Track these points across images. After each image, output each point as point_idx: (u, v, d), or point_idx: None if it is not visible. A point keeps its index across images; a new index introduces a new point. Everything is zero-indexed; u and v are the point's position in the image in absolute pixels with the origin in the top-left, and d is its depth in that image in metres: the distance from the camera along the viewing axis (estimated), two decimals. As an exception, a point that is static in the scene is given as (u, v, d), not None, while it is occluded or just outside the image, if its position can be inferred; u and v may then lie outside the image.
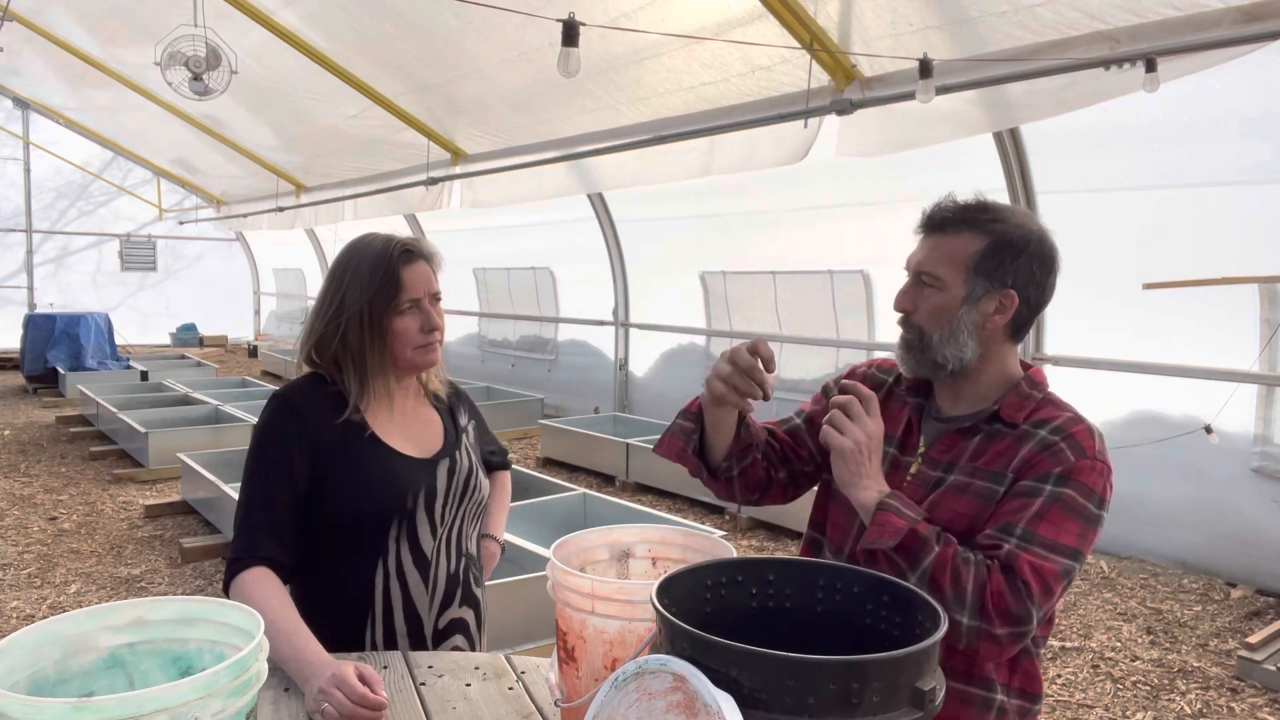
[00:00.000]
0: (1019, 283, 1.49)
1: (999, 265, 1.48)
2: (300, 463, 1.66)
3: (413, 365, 1.76)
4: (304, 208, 10.98)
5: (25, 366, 10.66)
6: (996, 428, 1.50)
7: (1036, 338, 5.27)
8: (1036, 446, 1.43)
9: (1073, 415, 1.49)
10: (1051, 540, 1.35)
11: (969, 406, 1.56)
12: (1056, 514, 1.37)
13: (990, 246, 1.48)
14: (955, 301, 1.49)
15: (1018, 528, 1.37)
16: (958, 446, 1.52)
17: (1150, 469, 4.82)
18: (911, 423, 1.61)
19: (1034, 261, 1.50)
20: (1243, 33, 3.28)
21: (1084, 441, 1.43)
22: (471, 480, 1.81)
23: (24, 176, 13.98)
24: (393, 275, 1.70)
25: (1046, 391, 1.55)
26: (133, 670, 1.16)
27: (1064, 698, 3.47)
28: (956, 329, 1.49)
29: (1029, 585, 1.32)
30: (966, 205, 1.52)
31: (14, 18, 8.09)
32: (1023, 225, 1.51)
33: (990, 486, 1.44)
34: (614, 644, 1.25)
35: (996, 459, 1.47)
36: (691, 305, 7.88)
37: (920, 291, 1.52)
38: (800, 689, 0.89)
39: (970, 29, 4.08)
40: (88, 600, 4.42)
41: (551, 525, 4.83)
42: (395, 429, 1.77)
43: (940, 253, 1.50)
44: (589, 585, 1.25)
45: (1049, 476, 1.40)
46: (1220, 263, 4.41)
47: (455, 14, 5.62)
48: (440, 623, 1.74)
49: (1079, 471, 1.40)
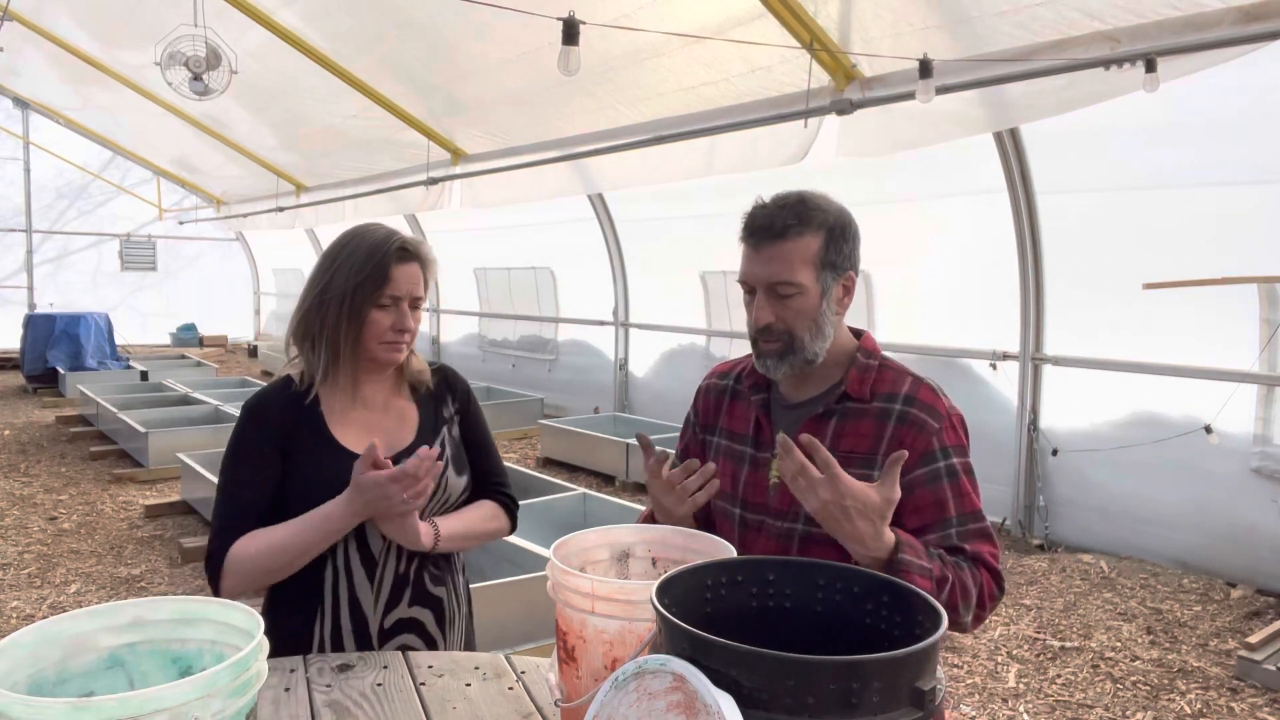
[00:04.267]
0: (854, 262, 1.60)
1: (838, 253, 1.56)
2: (270, 465, 1.71)
3: (375, 359, 1.76)
4: (304, 208, 10.98)
5: (25, 366, 10.67)
6: (848, 405, 1.58)
7: (1037, 338, 5.27)
8: (898, 423, 1.54)
9: (912, 377, 1.60)
10: (973, 511, 1.52)
11: (815, 388, 1.62)
12: (961, 486, 1.53)
13: (828, 238, 1.55)
14: (815, 300, 1.55)
15: (953, 519, 1.51)
16: (817, 433, 1.56)
17: (1150, 469, 4.82)
18: (759, 419, 1.66)
19: (856, 239, 1.60)
20: (1243, 33, 3.28)
21: (933, 402, 1.56)
22: (436, 479, 1.77)
23: (24, 176, 13.98)
24: (383, 267, 1.71)
25: (881, 357, 1.64)
26: (133, 670, 1.16)
27: (1064, 698, 3.47)
28: (822, 325, 1.56)
29: (997, 571, 1.52)
30: (792, 205, 1.55)
31: (14, 18, 8.08)
32: (836, 208, 1.58)
33: (864, 472, 1.48)
34: (614, 644, 1.24)
35: (861, 440, 1.56)
36: (692, 305, 7.88)
37: (779, 302, 1.55)
38: (800, 689, 0.89)
39: (970, 29, 4.08)
40: (88, 600, 4.42)
41: (551, 525, 4.83)
42: (357, 425, 1.78)
43: (790, 259, 1.53)
44: (589, 585, 1.25)
45: (933, 455, 1.52)
46: (1220, 263, 4.41)
47: (455, 14, 5.62)
48: (386, 622, 1.74)
49: (946, 435, 1.54)
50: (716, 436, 1.75)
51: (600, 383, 8.88)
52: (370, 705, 1.44)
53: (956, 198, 5.46)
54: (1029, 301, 5.25)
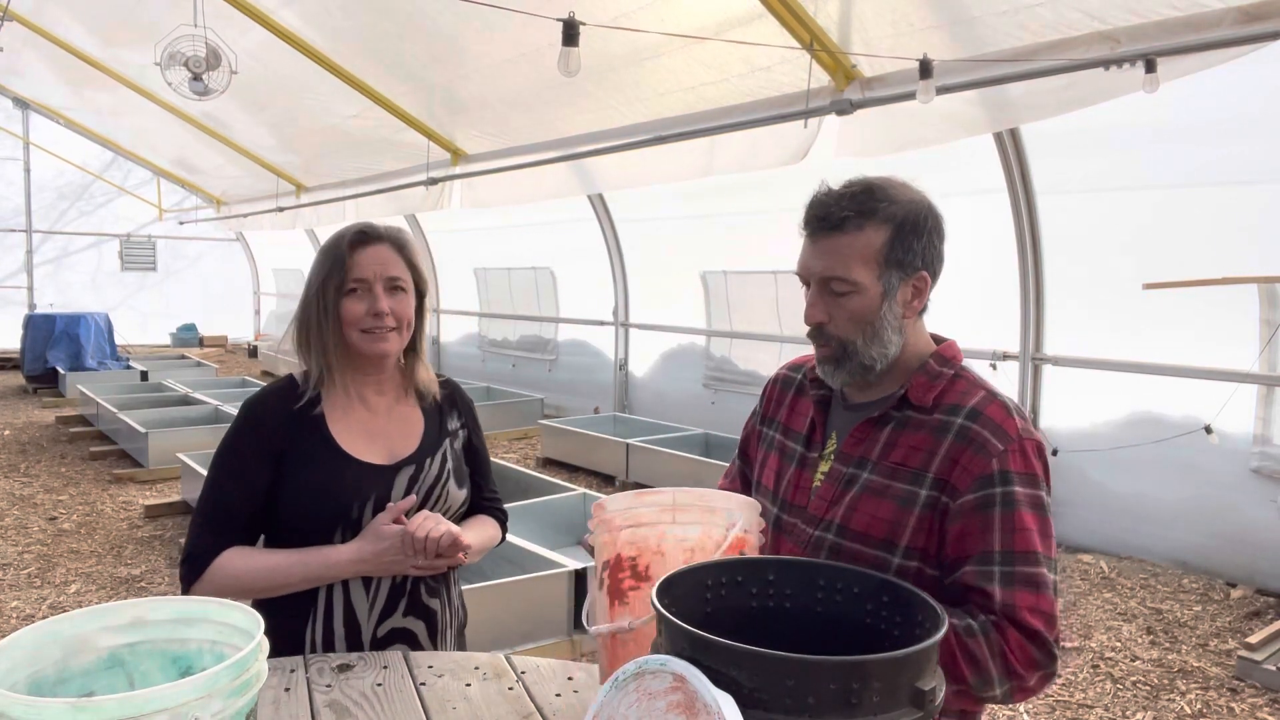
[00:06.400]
0: (928, 261, 1.43)
1: (908, 250, 1.40)
2: (260, 473, 1.69)
3: (360, 352, 1.72)
4: (304, 208, 10.98)
5: (25, 366, 10.66)
6: (907, 414, 1.43)
7: (1037, 338, 5.27)
8: (957, 439, 1.36)
9: (986, 393, 1.42)
10: (1025, 552, 1.31)
11: (879, 391, 1.48)
12: (1018, 520, 1.31)
13: (895, 234, 1.39)
14: (874, 301, 1.40)
15: (995, 554, 1.31)
16: (869, 438, 1.45)
17: (1150, 469, 4.82)
18: (814, 418, 1.55)
19: (934, 235, 1.43)
20: (1243, 33, 3.28)
21: (1002, 421, 1.37)
22: (436, 490, 1.76)
23: (24, 176, 13.97)
24: (339, 255, 1.70)
25: (959, 367, 1.47)
26: (133, 670, 1.16)
27: (1064, 698, 3.47)
28: (880, 329, 1.41)
29: (1038, 630, 1.28)
30: (855, 194, 1.40)
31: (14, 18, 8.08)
32: (912, 199, 1.42)
33: (910, 489, 1.37)
34: (695, 551, 1.28)
35: (913, 454, 1.39)
36: (691, 305, 7.87)
37: (832, 299, 1.41)
38: (800, 689, 0.89)
39: (970, 29, 4.08)
40: (88, 600, 4.42)
41: (551, 525, 4.83)
42: (359, 429, 1.75)
43: (846, 254, 1.39)
44: (669, 497, 1.31)
45: (990, 479, 1.33)
46: (1220, 263, 4.41)
47: (455, 14, 5.62)
48: (380, 631, 1.72)
49: (1011, 460, 1.33)
50: (773, 430, 1.65)
51: (600, 383, 8.88)
52: (370, 705, 1.44)
53: (956, 198, 5.45)
54: (1029, 301, 5.25)
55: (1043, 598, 1.30)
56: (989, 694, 1.29)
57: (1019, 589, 1.29)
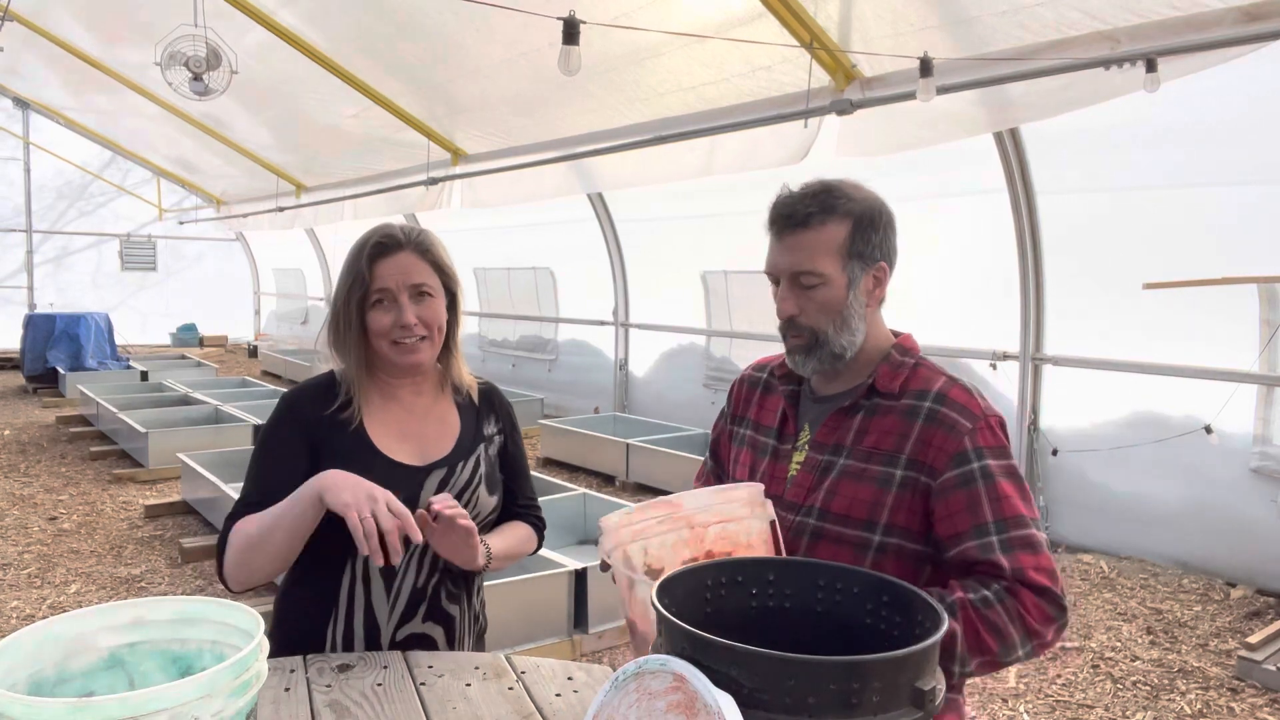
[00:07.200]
0: (885, 252, 1.54)
1: (867, 243, 1.51)
2: (297, 463, 1.66)
3: (391, 362, 1.70)
4: (304, 208, 10.98)
5: (25, 366, 10.66)
6: (876, 401, 1.53)
7: (1037, 338, 5.27)
8: (926, 422, 1.47)
9: (947, 378, 1.53)
10: (1014, 516, 1.41)
11: (846, 383, 1.58)
12: (999, 489, 1.42)
13: (855, 228, 1.50)
14: (841, 291, 1.51)
15: (990, 525, 1.41)
16: (842, 426, 1.55)
17: (1150, 469, 4.82)
18: (785, 411, 1.65)
19: (889, 229, 1.54)
20: (1243, 33, 3.28)
21: (966, 403, 1.48)
22: (465, 494, 1.74)
23: (24, 176, 13.97)
24: (359, 269, 1.67)
25: (918, 357, 1.58)
26: (133, 670, 1.16)
27: (1064, 698, 3.47)
28: (848, 317, 1.52)
29: (1047, 586, 1.38)
30: (816, 193, 1.52)
31: (14, 18, 8.08)
32: (866, 197, 1.54)
33: (886, 470, 1.48)
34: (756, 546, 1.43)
35: (885, 437, 1.50)
36: (692, 305, 7.87)
37: (802, 293, 1.52)
38: (800, 689, 0.89)
39: (970, 29, 4.08)
40: (88, 600, 4.42)
41: (551, 526, 4.79)
42: (394, 429, 1.73)
43: (813, 248, 1.50)
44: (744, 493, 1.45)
45: (965, 456, 1.44)
46: (1220, 263, 4.40)
47: (455, 14, 5.62)
48: (399, 635, 1.70)
49: (981, 436, 1.45)
50: (743, 428, 1.75)
51: (600, 383, 8.88)
52: (370, 705, 1.44)
53: (956, 198, 5.47)
54: (1029, 301, 5.25)
55: (1041, 556, 1.41)
56: (1013, 658, 1.37)
57: (1019, 552, 1.39)
